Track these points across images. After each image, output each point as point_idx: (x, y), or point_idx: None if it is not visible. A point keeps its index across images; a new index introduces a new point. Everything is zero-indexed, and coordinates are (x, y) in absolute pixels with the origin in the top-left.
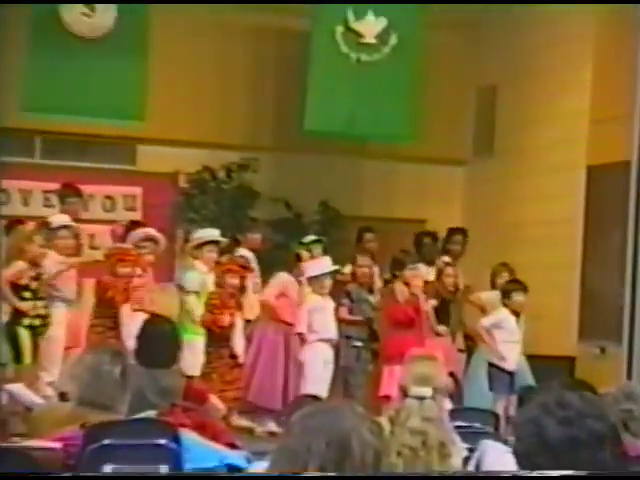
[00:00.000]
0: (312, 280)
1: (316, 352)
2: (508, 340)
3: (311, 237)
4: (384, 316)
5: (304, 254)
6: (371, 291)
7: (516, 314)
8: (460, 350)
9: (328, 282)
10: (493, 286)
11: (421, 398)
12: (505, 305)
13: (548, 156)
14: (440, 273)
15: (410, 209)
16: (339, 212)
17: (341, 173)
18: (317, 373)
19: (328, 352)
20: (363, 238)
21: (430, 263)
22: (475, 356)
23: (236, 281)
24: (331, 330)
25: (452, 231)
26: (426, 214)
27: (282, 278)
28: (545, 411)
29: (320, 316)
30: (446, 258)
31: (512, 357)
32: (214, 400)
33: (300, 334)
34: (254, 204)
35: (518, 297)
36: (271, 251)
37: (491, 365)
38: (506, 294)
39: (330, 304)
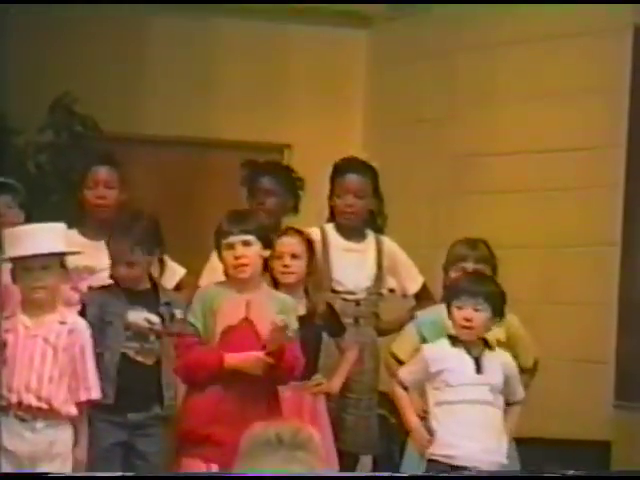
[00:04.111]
0: (18, 270)
1: None
2: (454, 401)
3: None
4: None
5: None
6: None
7: (469, 349)
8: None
9: (50, 277)
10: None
11: None
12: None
13: None
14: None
15: (264, 123)
16: (95, 125)
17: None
18: None
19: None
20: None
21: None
22: (408, 451)
23: None
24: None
25: (341, 167)
26: (293, 133)
27: None
28: None
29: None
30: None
31: (465, 443)
32: None
33: None
34: None
35: (470, 311)
36: None
37: (430, 461)
38: (450, 305)
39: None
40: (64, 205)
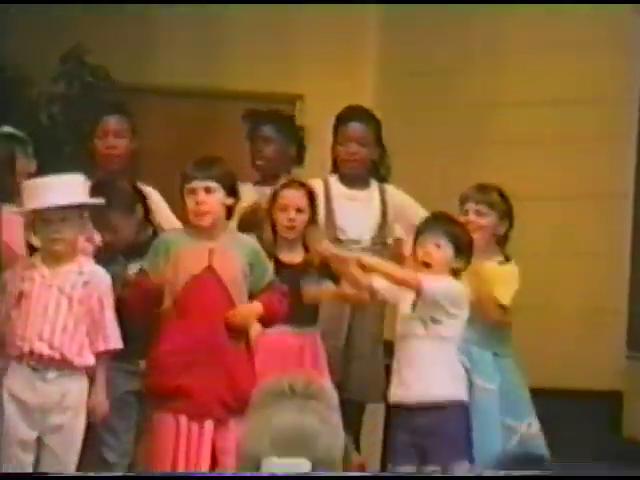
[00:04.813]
0: (36, 223)
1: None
2: (397, 337)
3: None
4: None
5: None
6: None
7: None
8: None
9: (69, 228)
10: None
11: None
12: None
13: None
14: (274, 200)
15: (276, 74)
16: (107, 75)
17: None
18: None
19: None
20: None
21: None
22: None
23: None
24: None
25: (344, 115)
26: (305, 84)
27: None
28: None
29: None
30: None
31: (407, 381)
32: None
33: None
34: None
35: (431, 247)
36: None
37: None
38: (415, 244)
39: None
40: (76, 155)
